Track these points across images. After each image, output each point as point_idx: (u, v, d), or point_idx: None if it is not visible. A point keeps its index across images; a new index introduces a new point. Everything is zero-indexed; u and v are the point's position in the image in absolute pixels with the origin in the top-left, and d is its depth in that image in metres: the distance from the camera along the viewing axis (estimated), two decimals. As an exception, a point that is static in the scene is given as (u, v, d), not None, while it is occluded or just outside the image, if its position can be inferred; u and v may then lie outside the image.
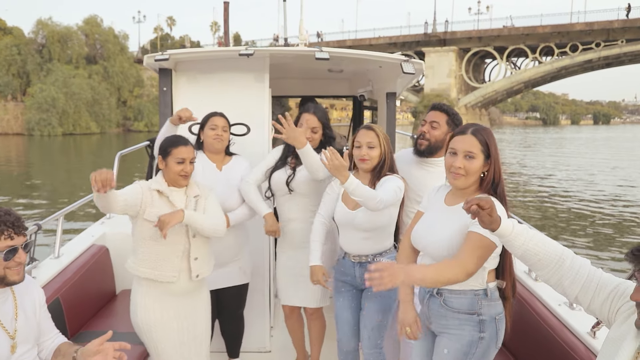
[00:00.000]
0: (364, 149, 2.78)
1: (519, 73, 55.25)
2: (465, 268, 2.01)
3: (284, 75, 4.96)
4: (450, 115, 2.99)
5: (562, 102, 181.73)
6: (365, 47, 60.90)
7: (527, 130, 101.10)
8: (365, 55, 3.84)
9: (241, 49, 3.44)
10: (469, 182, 2.15)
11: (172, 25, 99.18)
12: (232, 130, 3.48)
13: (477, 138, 2.12)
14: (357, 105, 5.65)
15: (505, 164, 29.13)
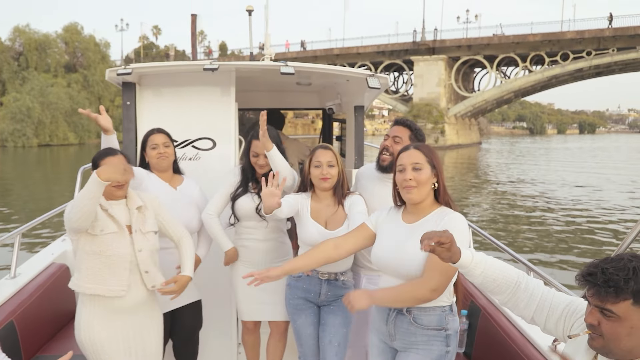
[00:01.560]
0: (324, 168, 2.84)
1: (510, 82, 54.36)
2: (431, 285, 2.10)
3: (252, 87, 4.89)
4: (413, 131, 3.03)
5: (549, 112, 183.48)
6: (353, 55, 59.85)
7: (516, 139, 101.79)
8: (331, 70, 3.94)
9: (205, 64, 3.42)
10: (422, 193, 2.23)
11: (158, 34, 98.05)
12: (197, 145, 3.63)
13: (420, 151, 2.26)
14: (327, 118, 5.62)
15: (510, 178, 27.96)
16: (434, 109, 54.35)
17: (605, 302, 1.48)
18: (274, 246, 3.27)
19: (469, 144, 61.93)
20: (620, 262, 1.49)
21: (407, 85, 61.56)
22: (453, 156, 45.30)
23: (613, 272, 1.46)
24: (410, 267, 2.20)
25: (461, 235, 2.13)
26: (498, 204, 18.43)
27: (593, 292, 1.50)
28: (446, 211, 2.26)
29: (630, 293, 1.45)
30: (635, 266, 1.46)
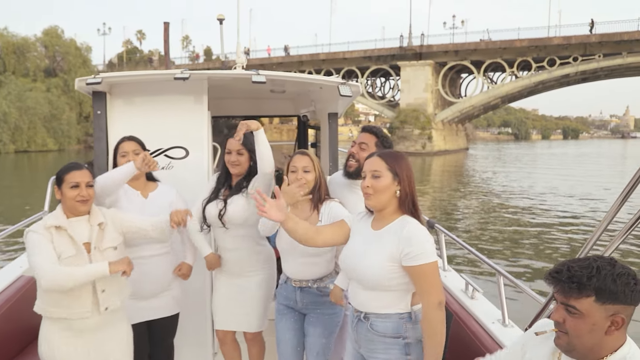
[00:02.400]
0: (299, 173, 2.85)
1: (497, 88, 54.17)
2: (433, 303, 2.11)
3: (226, 95, 4.91)
4: (380, 138, 3.07)
5: (533, 118, 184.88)
6: (339, 60, 59.27)
7: (502, 145, 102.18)
8: (302, 78, 4.02)
9: (177, 73, 3.44)
10: (379, 200, 2.22)
11: (142, 39, 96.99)
12: (170, 154, 3.68)
13: (382, 158, 2.25)
14: (301, 125, 5.66)
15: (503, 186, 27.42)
16: (421, 115, 53.91)
17: (569, 298, 1.54)
18: (245, 255, 3.20)
19: (456, 149, 61.67)
20: (586, 262, 1.55)
21: (394, 90, 61.13)
22: (440, 162, 44.88)
23: (577, 270, 1.53)
24: (367, 274, 2.21)
25: (420, 246, 2.13)
26: (485, 212, 18.19)
27: (558, 288, 1.57)
28: (407, 220, 2.23)
29: (592, 290, 1.50)
30: (599, 265, 1.52)
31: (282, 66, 62.57)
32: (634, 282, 1.50)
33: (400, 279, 2.18)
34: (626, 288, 1.49)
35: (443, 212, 17.89)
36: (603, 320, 1.51)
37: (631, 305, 1.52)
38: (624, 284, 1.49)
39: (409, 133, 53.94)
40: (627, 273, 1.51)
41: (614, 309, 1.50)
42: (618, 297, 1.49)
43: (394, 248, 2.16)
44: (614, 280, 1.49)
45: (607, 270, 1.51)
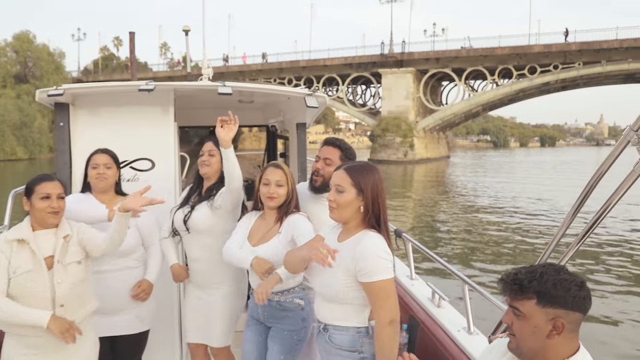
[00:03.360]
0: (272, 187, 2.83)
1: (478, 95, 53.98)
2: (384, 320, 2.12)
3: (195, 105, 4.87)
4: (344, 150, 3.06)
5: (511, 125, 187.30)
6: (320, 67, 58.56)
7: (482, 152, 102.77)
8: (269, 89, 4.24)
9: (141, 84, 3.45)
10: (342, 215, 2.24)
11: (119, 46, 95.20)
12: (135, 166, 3.66)
13: (347, 173, 2.24)
14: (270, 135, 5.65)
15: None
16: (402, 123, 53.39)
17: (513, 299, 1.61)
18: (211, 266, 3.13)
19: (438, 157, 61.37)
20: (534, 268, 1.62)
21: (375, 98, 60.60)
22: (422, 171, 44.38)
23: (523, 274, 1.60)
24: (325, 286, 2.24)
25: (374, 263, 2.13)
26: (461, 220, 17.93)
27: (505, 291, 1.63)
28: (366, 235, 2.21)
29: (533, 292, 1.56)
30: (544, 271, 1.57)
31: (262, 73, 61.74)
32: (577, 289, 1.54)
33: (356, 293, 2.19)
34: (567, 293, 1.53)
35: (421, 221, 17.66)
36: (544, 323, 1.55)
37: (573, 310, 1.54)
38: (565, 289, 1.53)
39: (390, 141, 53.38)
40: (571, 280, 1.55)
41: (555, 312, 1.54)
42: (558, 301, 1.54)
43: (350, 262, 2.16)
44: (554, 285, 1.54)
45: (550, 276, 1.56)
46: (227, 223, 3.08)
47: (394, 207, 21.17)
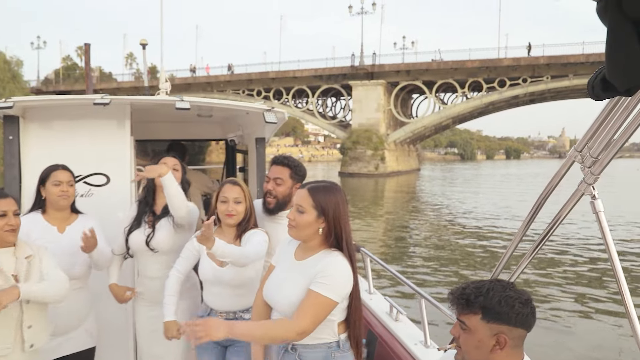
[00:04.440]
0: (230, 205, 2.82)
1: (449, 108, 53.88)
2: (298, 327, 2.08)
3: (153, 119, 4.89)
4: (293, 168, 3.04)
5: (477, 138, 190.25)
6: (289, 79, 57.64)
7: (450, 165, 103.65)
8: (228, 105, 4.21)
9: (96, 98, 3.44)
10: (300, 234, 2.23)
11: (82, 55, 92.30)
12: (89, 181, 3.62)
13: (310, 194, 2.22)
14: (230, 150, 5.66)
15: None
16: (373, 135, 52.80)
17: (460, 313, 1.66)
18: None
19: (409, 170, 61.06)
20: (482, 283, 1.67)
21: (345, 110, 59.96)
22: (393, 184, 43.75)
23: (470, 289, 1.65)
24: (284, 304, 2.21)
25: (329, 279, 2.12)
26: (427, 234, 17.90)
27: (452, 303, 1.69)
28: (329, 254, 2.21)
29: (479, 307, 1.61)
30: (491, 287, 1.63)
31: (230, 85, 60.48)
32: (521, 306, 1.58)
33: None
34: (511, 310, 1.58)
35: (388, 234, 17.63)
36: (488, 338, 1.60)
37: (516, 327, 1.59)
38: (509, 306, 1.58)
39: (361, 154, 52.71)
40: (516, 297, 1.60)
41: (498, 328, 1.59)
42: (502, 317, 1.58)
43: (310, 279, 2.15)
44: (499, 301, 1.59)
45: (496, 292, 1.61)
46: (187, 239, 3.02)
47: (363, 221, 20.74)
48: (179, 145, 5.33)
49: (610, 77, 0.97)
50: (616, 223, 19.60)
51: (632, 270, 12.11)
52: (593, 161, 1.43)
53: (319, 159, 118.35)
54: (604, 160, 1.41)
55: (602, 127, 1.37)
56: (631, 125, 1.28)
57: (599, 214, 1.45)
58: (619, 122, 1.30)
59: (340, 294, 2.15)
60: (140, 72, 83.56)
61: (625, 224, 20.03)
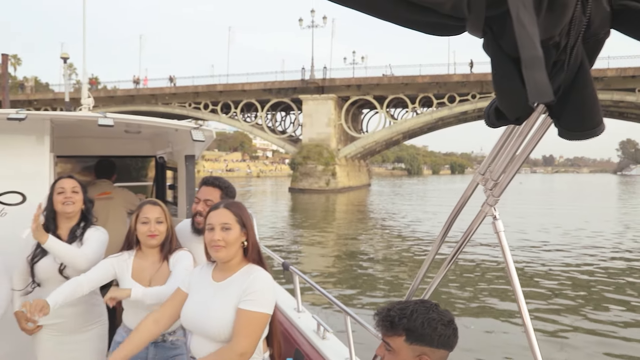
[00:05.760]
0: (152, 225, 2.80)
1: (400, 123, 53.69)
2: (239, 348, 2.09)
3: (78, 134, 4.79)
4: (223, 189, 3.05)
5: (423, 154, 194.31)
6: (238, 92, 55.99)
7: (398, 180, 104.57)
8: (154, 122, 4.06)
9: (11, 112, 3.37)
10: (230, 253, 2.24)
11: (17, 65, 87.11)
12: (3, 200, 3.52)
13: (230, 210, 2.27)
14: (159, 167, 5.56)
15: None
16: (324, 150, 51.80)
17: (385, 334, 1.70)
18: (83, 310, 3.01)
19: (360, 185, 60.42)
20: (406, 304, 1.71)
21: (295, 125, 58.76)
22: (344, 200, 42.78)
23: (395, 311, 1.69)
24: (213, 327, 2.18)
25: (259, 294, 2.17)
26: (373, 253, 17.46)
27: (377, 324, 1.73)
28: (253, 269, 2.26)
29: (403, 329, 1.65)
30: (415, 309, 1.66)
31: (176, 97, 58.17)
32: (443, 328, 1.63)
33: None
34: (433, 332, 1.62)
35: (329, 254, 17.35)
36: (411, 359, 1.64)
37: (438, 348, 1.64)
38: (432, 328, 1.62)
39: (312, 169, 51.55)
40: (438, 319, 1.64)
41: (421, 349, 1.64)
42: (425, 339, 1.63)
43: (239, 297, 2.16)
44: (422, 324, 1.63)
45: (420, 314, 1.64)
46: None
47: (310, 239, 20.27)
48: (107, 162, 5.11)
49: (501, 107, 1.04)
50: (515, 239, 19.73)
51: (537, 285, 12.24)
52: (494, 184, 1.50)
53: (268, 175, 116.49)
54: (503, 183, 1.48)
55: (501, 151, 1.44)
56: (525, 150, 1.36)
57: (500, 234, 1.52)
58: (515, 147, 1.38)
59: (271, 307, 2.21)
60: (80, 83, 79.82)
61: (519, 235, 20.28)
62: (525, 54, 0.83)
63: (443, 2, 0.88)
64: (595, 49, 0.94)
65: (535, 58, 0.83)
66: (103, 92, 62.95)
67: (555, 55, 0.92)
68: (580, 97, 0.97)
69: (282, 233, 21.80)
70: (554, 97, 0.88)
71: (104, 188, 4.77)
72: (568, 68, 0.93)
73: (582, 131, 1.02)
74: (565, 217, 28.19)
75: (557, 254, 16.50)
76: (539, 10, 0.85)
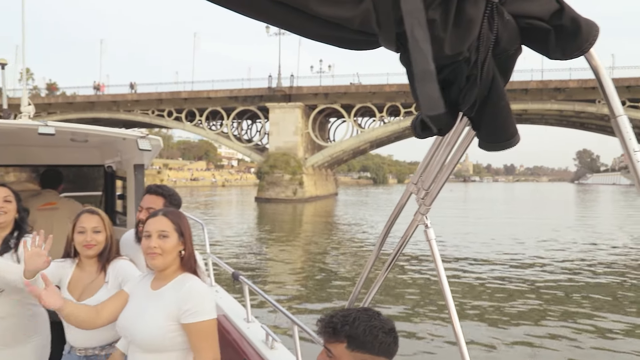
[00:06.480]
0: (89, 235, 2.76)
1: (367, 132, 53.59)
2: (211, 358, 2.15)
3: (20, 142, 4.67)
4: (167, 197, 3.02)
5: (389, 163, 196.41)
6: (203, 100, 54.89)
7: (364, 189, 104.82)
8: (99, 131, 4.04)
9: None
10: (166, 261, 2.23)
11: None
12: None
13: (168, 218, 2.26)
14: (108, 176, 5.45)
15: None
16: (291, 159, 51.18)
17: (327, 341, 1.72)
18: (20, 321, 2.92)
19: (327, 195, 59.98)
20: (349, 312, 1.72)
21: (261, 133, 57.94)
22: (311, 210, 42.21)
23: (337, 317, 1.70)
24: (144, 335, 2.17)
25: (199, 304, 2.17)
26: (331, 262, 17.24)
27: (319, 331, 1.74)
28: (187, 278, 2.25)
29: (344, 337, 1.66)
30: (357, 317, 1.68)
31: (138, 104, 56.60)
32: (384, 335, 1.65)
33: (180, 338, 2.17)
34: (374, 339, 1.64)
35: (290, 264, 17.05)
36: None
37: (378, 355, 1.66)
38: (373, 336, 1.64)
39: (279, 178, 50.82)
40: (380, 326, 1.66)
41: (362, 357, 1.65)
42: (366, 347, 1.64)
43: (173, 306, 2.15)
44: (364, 331, 1.64)
45: (362, 321, 1.66)
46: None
47: (275, 249, 19.87)
48: (53, 171, 4.92)
49: (424, 119, 1.08)
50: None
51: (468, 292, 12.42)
52: (425, 193, 1.55)
53: (233, 184, 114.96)
54: (434, 192, 1.53)
55: (431, 162, 1.48)
56: (452, 160, 1.41)
57: (431, 242, 1.57)
58: (443, 157, 1.42)
59: (214, 310, 2.22)
60: (38, 89, 77.07)
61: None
62: (418, 68, 0.87)
63: (351, 19, 0.91)
64: (508, 64, 0.98)
65: (427, 72, 0.87)
66: (61, 98, 60.74)
67: (468, 70, 0.95)
68: (494, 111, 1.01)
69: (244, 243, 21.13)
70: (444, 109, 0.92)
71: (49, 198, 4.61)
72: (481, 83, 0.96)
73: (498, 142, 1.06)
74: (505, 227, 28.49)
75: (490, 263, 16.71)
76: (445, 27, 0.89)
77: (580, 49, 0.94)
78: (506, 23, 0.92)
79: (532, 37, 0.95)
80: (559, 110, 49.38)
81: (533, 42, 0.96)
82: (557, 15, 0.92)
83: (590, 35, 0.93)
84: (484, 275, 14.45)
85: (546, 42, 0.94)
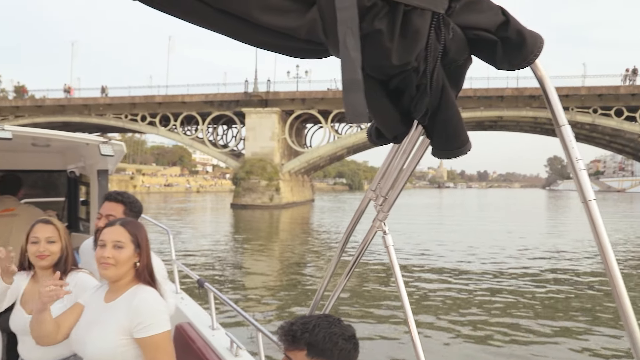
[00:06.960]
0: (42, 245, 2.66)
1: (344, 138, 53.35)
2: None
3: None
4: (127, 205, 2.97)
5: (364, 169, 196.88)
6: (178, 104, 53.94)
7: (339, 195, 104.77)
8: (61, 136, 4.02)
9: None
10: (119, 272, 2.18)
11: None
12: None
13: (125, 229, 2.21)
14: (72, 182, 5.35)
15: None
16: (268, 165, 50.60)
17: (287, 348, 1.70)
18: None
19: (304, 201, 59.53)
20: (309, 319, 1.71)
21: (237, 139, 57.21)
22: (288, 216, 41.73)
23: (297, 325, 1.68)
24: (94, 349, 2.11)
25: (151, 316, 2.11)
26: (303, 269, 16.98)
27: (280, 338, 1.71)
28: (140, 289, 2.19)
29: (304, 344, 1.65)
30: (317, 324, 1.67)
31: (111, 108, 55.29)
32: (344, 342, 1.65)
33: (132, 352, 2.10)
34: (334, 347, 1.64)
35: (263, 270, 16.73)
36: None
37: None
38: (333, 343, 1.64)
39: (255, 184, 50.16)
40: (340, 333, 1.66)
41: None
42: (326, 354, 1.64)
43: (125, 319, 2.09)
44: (324, 338, 1.64)
45: (322, 328, 1.65)
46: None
47: (251, 257, 19.48)
48: (12, 176, 4.75)
49: (379, 127, 1.10)
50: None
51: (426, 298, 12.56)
52: (383, 200, 1.56)
53: (208, 190, 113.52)
54: (391, 198, 1.54)
55: (389, 169, 1.49)
56: (409, 167, 1.43)
57: (389, 248, 1.59)
58: (400, 164, 1.44)
59: (167, 321, 2.16)
60: (6, 91, 74.90)
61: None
62: (346, 76, 0.88)
63: (297, 28, 0.91)
64: (459, 74, 1.00)
65: (354, 82, 0.87)
66: (30, 101, 58.92)
67: (417, 79, 0.97)
68: (446, 119, 1.02)
69: (217, 251, 20.54)
70: (368, 119, 0.93)
71: (7, 204, 4.47)
72: (431, 92, 0.97)
73: (450, 150, 1.07)
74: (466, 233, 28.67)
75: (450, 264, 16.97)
76: (392, 37, 0.90)
77: (526, 60, 0.97)
78: (454, 34, 0.93)
79: (480, 48, 0.97)
80: (534, 117, 50.05)
81: (481, 53, 0.99)
82: (503, 27, 0.95)
83: (535, 47, 0.96)
84: (443, 281, 14.50)
85: (493, 53, 0.97)
